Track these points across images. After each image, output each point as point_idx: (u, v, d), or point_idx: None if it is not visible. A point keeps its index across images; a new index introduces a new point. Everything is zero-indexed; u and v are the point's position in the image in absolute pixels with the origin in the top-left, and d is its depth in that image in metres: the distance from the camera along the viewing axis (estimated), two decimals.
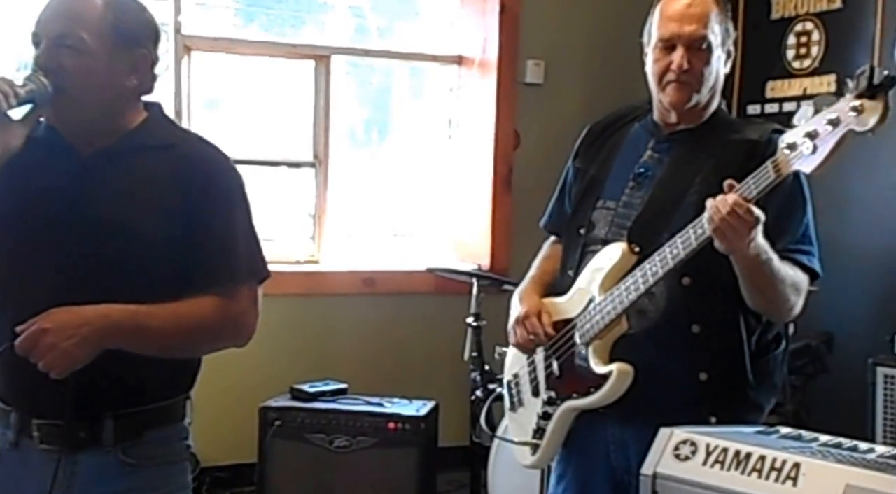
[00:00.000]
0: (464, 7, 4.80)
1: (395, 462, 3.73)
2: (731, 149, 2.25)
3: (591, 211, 2.38)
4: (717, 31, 2.25)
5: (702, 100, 2.29)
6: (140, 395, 1.95)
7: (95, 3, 1.91)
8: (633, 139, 2.40)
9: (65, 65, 1.88)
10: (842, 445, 1.84)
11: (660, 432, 1.92)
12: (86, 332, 1.79)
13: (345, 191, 4.76)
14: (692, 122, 2.32)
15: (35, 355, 1.77)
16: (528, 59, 4.62)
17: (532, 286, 2.51)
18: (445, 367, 4.25)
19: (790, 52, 4.32)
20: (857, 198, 4.19)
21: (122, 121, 1.98)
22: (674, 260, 2.11)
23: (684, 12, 2.24)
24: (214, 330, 1.97)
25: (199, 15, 4.53)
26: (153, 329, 1.88)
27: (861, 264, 4.15)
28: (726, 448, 1.80)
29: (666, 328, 2.23)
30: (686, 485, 1.82)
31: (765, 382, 2.30)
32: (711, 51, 2.25)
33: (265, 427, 3.76)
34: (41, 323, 1.78)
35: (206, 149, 2.04)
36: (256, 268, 2.03)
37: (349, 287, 4.50)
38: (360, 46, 4.84)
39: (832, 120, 1.89)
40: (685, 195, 2.23)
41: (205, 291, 1.93)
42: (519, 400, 2.51)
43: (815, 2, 4.26)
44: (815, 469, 1.69)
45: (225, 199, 1.99)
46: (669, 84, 2.26)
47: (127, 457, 1.95)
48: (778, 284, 2.14)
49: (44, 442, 1.92)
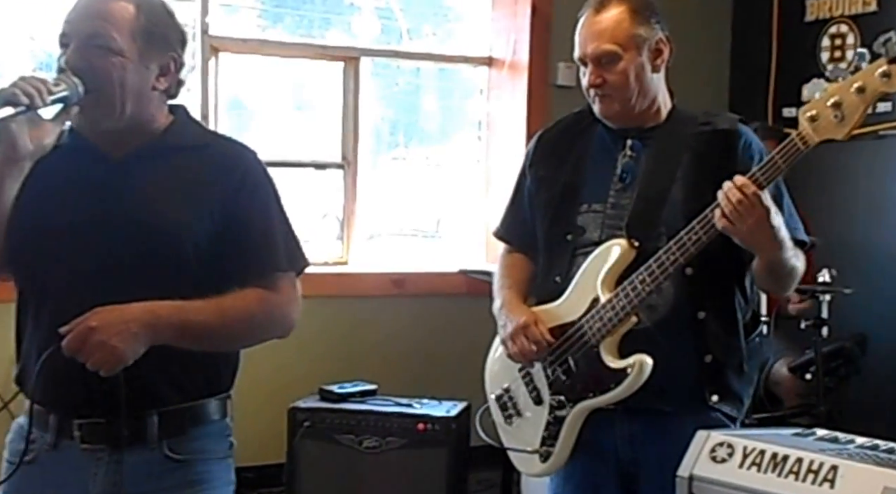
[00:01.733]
0: (494, 9, 4.80)
1: (425, 463, 3.72)
2: (705, 140, 2.34)
3: (576, 216, 2.40)
4: (624, 41, 2.31)
5: (634, 105, 2.35)
6: (183, 392, 1.96)
7: (127, 5, 1.92)
8: (601, 143, 2.44)
9: (96, 65, 1.88)
10: (878, 447, 1.85)
11: (696, 434, 1.94)
12: (133, 328, 1.80)
13: (373, 193, 4.76)
14: (650, 122, 2.39)
15: (83, 354, 1.77)
16: (560, 61, 4.59)
17: (514, 296, 2.52)
18: (476, 368, 4.19)
19: (824, 54, 4.32)
20: (891, 200, 4.17)
21: (151, 124, 1.99)
22: (695, 244, 2.18)
23: (589, 31, 2.34)
24: (259, 322, 1.98)
25: (225, 16, 4.53)
26: (199, 323, 1.89)
27: (895, 266, 4.13)
28: (763, 450, 1.82)
29: (675, 318, 2.30)
30: (723, 487, 1.84)
31: (754, 356, 2.44)
32: (619, 60, 2.31)
33: (294, 428, 3.76)
34: (87, 322, 1.78)
35: (237, 147, 2.08)
36: (295, 258, 2.05)
37: (378, 288, 4.50)
38: (389, 48, 4.83)
39: (859, 87, 1.99)
40: (670, 190, 2.31)
41: (246, 283, 1.95)
42: (516, 412, 2.51)
43: (849, 4, 4.26)
44: (853, 472, 1.70)
45: (260, 193, 2.02)
46: (595, 98, 2.36)
47: (172, 453, 1.96)
48: (793, 274, 2.29)
49: (85, 442, 1.92)
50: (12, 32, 4.16)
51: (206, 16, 4.23)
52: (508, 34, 4.70)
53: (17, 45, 4.22)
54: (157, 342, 1.84)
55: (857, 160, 4.28)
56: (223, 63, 4.36)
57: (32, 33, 4.25)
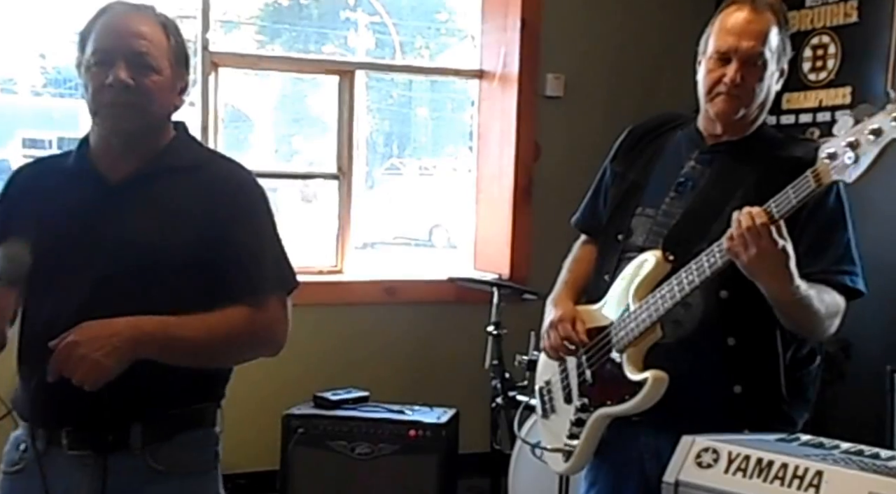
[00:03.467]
0: (485, 23, 4.85)
1: (415, 468, 3.76)
2: (776, 166, 2.20)
3: (631, 217, 2.36)
4: (773, 48, 2.23)
5: (749, 115, 2.27)
6: (168, 400, 1.97)
7: (157, 27, 2.00)
8: (675, 147, 2.38)
9: (143, 82, 1.94)
10: (863, 452, 1.83)
11: (682, 440, 1.92)
12: (116, 342, 1.82)
13: (367, 203, 4.82)
14: (737, 135, 2.30)
15: (67, 368, 1.79)
16: (549, 72, 4.65)
17: (565, 291, 2.50)
18: (466, 375, 4.28)
19: (806, 64, 4.35)
20: (874, 207, 4.19)
21: (157, 140, 2.04)
22: (710, 267, 2.09)
23: (744, 27, 2.22)
24: (245, 340, 1.99)
25: (224, 33, 4.61)
26: (184, 339, 1.91)
27: (879, 272, 4.11)
28: (748, 455, 1.80)
29: (701, 339, 2.21)
30: (708, 493, 1.82)
31: (798, 397, 2.29)
32: (766, 67, 2.22)
33: (288, 435, 3.80)
34: (71, 337, 1.80)
35: (231, 166, 2.10)
36: (284, 278, 2.06)
37: (371, 296, 4.55)
38: (383, 61, 4.90)
39: (874, 130, 1.90)
40: (725, 207, 2.18)
41: (234, 302, 1.96)
42: (551, 407, 2.50)
43: (831, 16, 4.28)
44: (838, 477, 1.69)
45: (250, 213, 2.04)
46: (719, 95, 2.24)
47: (156, 463, 1.96)
48: (812, 314, 2.13)
49: (72, 448, 1.94)
50: (23, 50, 4.24)
51: (206, 32, 4.28)
52: (499, 47, 4.74)
53: (28, 63, 4.30)
54: (142, 356, 1.85)
55: None
56: (223, 77, 4.43)
57: (43, 51, 4.33)
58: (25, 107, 4.60)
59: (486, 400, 4.00)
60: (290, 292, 2.07)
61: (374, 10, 5.06)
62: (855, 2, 4.18)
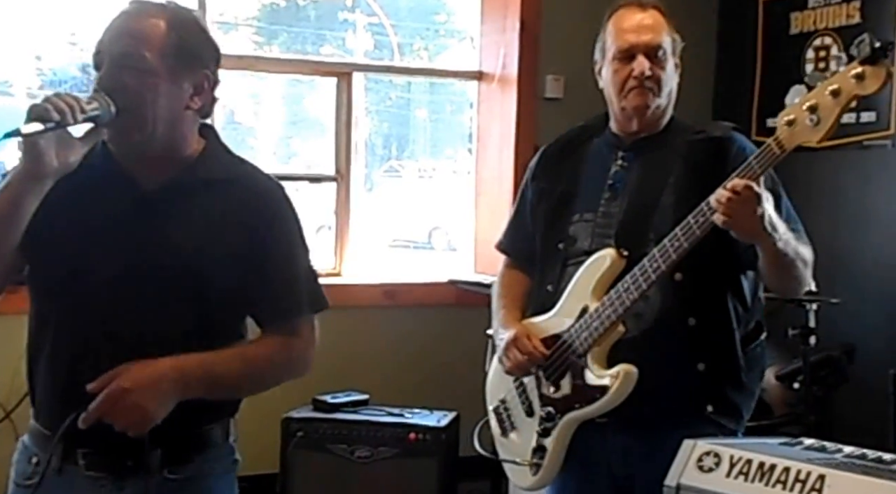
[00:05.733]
0: (484, 24, 4.85)
1: (415, 472, 3.75)
2: (698, 148, 2.33)
3: (569, 225, 2.41)
4: (668, 41, 2.35)
5: (661, 105, 2.36)
6: (189, 423, 1.92)
7: (159, 22, 1.87)
8: (597, 153, 2.45)
9: (128, 85, 1.84)
10: (866, 456, 1.82)
11: (683, 443, 1.91)
12: (165, 388, 1.79)
13: (366, 205, 4.80)
14: (652, 130, 2.39)
15: (114, 416, 1.76)
16: (548, 74, 4.66)
17: (509, 314, 2.53)
18: (466, 378, 4.22)
19: (809, 65, 4.35)
20: (877, 210, 4.20)
21: (183, 147, 1.94)
22: (676, 251, 2.16)
23: (640, 24, 2.34)
24: (281, 369, 2.00)
25: (222, 34, 4.59)
26: (225, 376, 1.89)
27: (882, 275, 4.16)
28: (750, 459, 1.79)
29: (663, 326, 2.27)
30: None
31: (755, 367, 2.38)
32: (667, 59, 2.34)
33: (288, 438, 3.78)
34: (120, 383, 1.76)
35: (268, 184, 2.02)
36: (317, 301, 2.03)
37: (370, 299, 4.54)
38: (381, 63, 4.89)
39: (834, 90, 1.98)
40: (661, 197, 2.31)
41: (268, 326, 1.96)
42: (510, 424, 2.52)
43: (833, 17, 4.29)
44: (840, 481, 1.68)
45: (288, 236, 2.00)
46: (632, 90, 2.33)
47: (172, 475, 1.93)
48: (799, 263, 2.23)
49: (89, 469, 1.90)
50: (19, 52, 4.22)
51: None
52: (498, 49, 4.74)
53: (24, 65, 4.28)
54: (186, 397, 1.82)
55: (843, 170, 4.31)
56: (220, 79, 4.40)
57: (39, 53, 4.31)
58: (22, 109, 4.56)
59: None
60: (319, 312, 2.04)
61: (372, 12, 5.05)
62: (857, 3, 4.20)
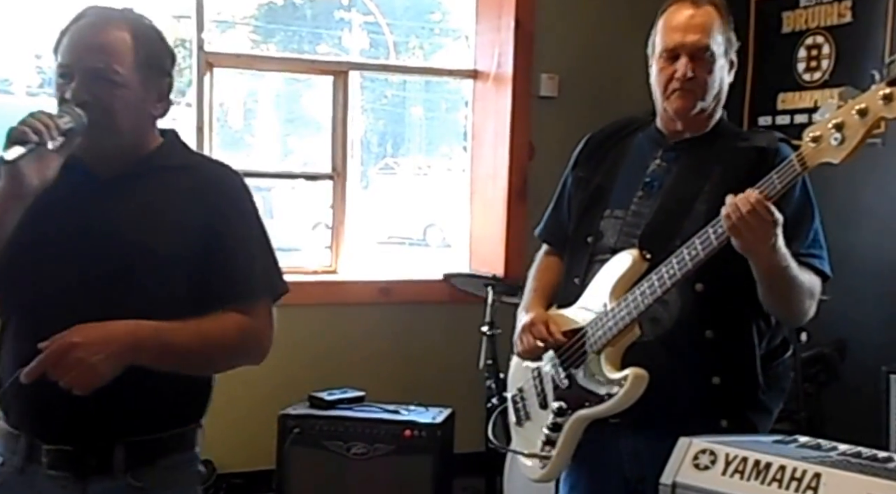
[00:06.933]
0: (479, 23, 4.87)
1: (411, 468, 3.76)
2: (740, 157, 2.27)
3: (599, 220, 2.38)
4: (719, 40, 2.28)
5: (706, 108, 2.31)
6: (152, 423, 1.94)
7: (124, 36, 1.92)
8: (638, 149, 2.41)
9: (101, 98, 1.89)
10: (861, 454, 1.81)
11: (679, 441, 1.90)
12: (114, 349, 1.78)
13: (362, 203, 4.82)
14: (697, 131, 2.34)
15: (60, 369, 1.74)
16: (543, 72, 4.68)
17: (536, 298, 2.51)
18: (461, 375, 4.29)
19: (801, 64, 4.36)
20: (868, 208, 4.21)
21: (143, 146, 2.00)
22: (692, 260, 2.12)
23: (688, 23, 2.27)
24: (235, 348, 1.98)
25: (219, 33, 4.61)
26: (178, 346, 1.88)
27: (873, 272, 4.16)
28: (746, 457, 1.78)
29: (679, 334, 2.23)
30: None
31: (774, 386, 2.32)
32: (714, 60, 2.27)
33: (284, 435, 3.80)
34: (70, 337, 1.75)
35: (221, 169, 2.08)
36: (273, 284, 2.04)
37: (366, 296, 4.56)
38: (377, 61, 4.91)
39: (861, 109, 1.92)
40: (694, 203, 2.25)
41: (225, 306, 1.95)
42: (525, 414, 2.50)
43: (825, 16, 4.29)
44: (836, 479, 1.67)
45: (242, 217, 2.02)
46: (674, 92, 2.28)
47: (136, 481, 1.93)
48: (796, 289, 2.17)
49: (52, 468, 1.90)
50: (19, 50, 4.24)
51: (201, 32, 4.28)
52: (493, 47, 4.76)
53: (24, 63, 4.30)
54: (136, 363, 1.81)
55: (835, 169, 4.32)
56: (218, 77, 4.43)
57: (38, 51, 4.33)
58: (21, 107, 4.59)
59: (482, 399, 4.01)
60: (278, 298, 2.05)
61: (367, 10, 5.08)
62: (849, 2, 4.20)
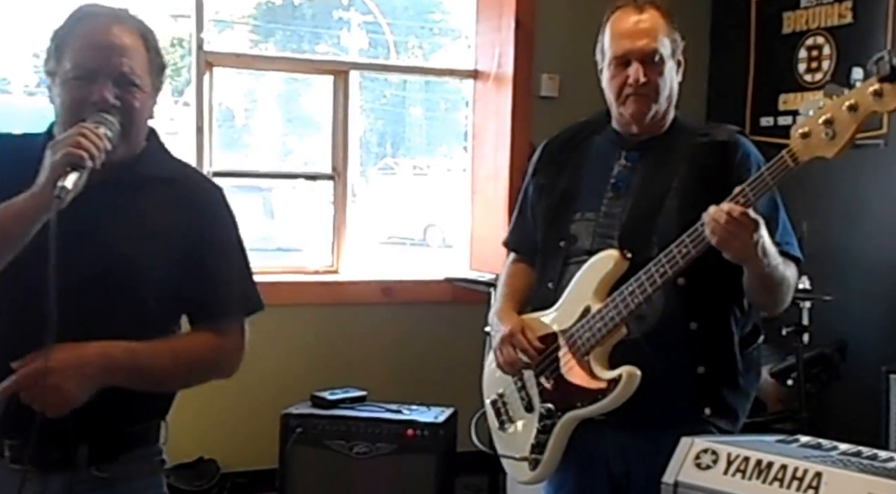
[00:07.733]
0: (479, 23, 4.87)
1: (413, 468, 3.77)
2: (702, 151, 2.32)
3: (570, 224, 2.40)
4: (666, 43, 2.32)
5: (660, 110, 2.34)
6: (116, 419, 1.93)
7: (136, 38, 1.92)
8: (599, 151, 2.43)
9: (132, 104, 1.89)
10: (861, 454, 1.83)
11: (681, 441, 1.91)
12: (88, 372, 1.79)
13: (363, 203, 4.82)
14: (654, 132, 2.37)
15: (33, 394, 1.75)
16: (543, 72, 4.69)
17: (508, 304, 2.51)
18: (463, 375, 4.25)
19: (801, 65, 4.38)
20: (870, 208, 4.23)
21: (134, 147, 1.98)
22: (684, 258, 2.15)
23: (634, 29, 2.31)
24: (207, 367, 2.01)
25: (219, 32, 4.61)
26: (151, 368, 1.89)
27: (874, 273, 4.18)
28: (747, 457, 1.79)
29: (666, 329, 2.27)
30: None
31: (751, 370, 2.39)
32: (664, 62, 2.31)
33: (287, 434, 3.80)
34: (43, 362, 1.74)
35: (203, 183, 2.08)
36: (249, 302, 2.05)
37: (368, 296, 4.56)
38: (377, 61, 4.91)
39: (851, 105, 1.94)
40: (665, 199, 2.29)
41: (198, 323, 1.98)
42: (508, 418, 2.51)
43: (825, 16, 4.31)
44: (837, 479, 1.68)
45: (222, 236, 2.03)
46: (629, 97, 2.31)
47: (99, 473, 1.93)
48: (785, 284, 2.25)
49: (14, 462, 1.89)
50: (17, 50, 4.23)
51: (200, 32, 4.28)
52: (493, 47, 4.76)
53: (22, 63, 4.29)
54: (109, 384, 1.82)
55: (835, 168, 4.31)
56: (217, 77, 4.43)
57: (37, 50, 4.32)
58: (19, 107, 4.59)
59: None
60: (252, 314, 2.05)
61: (367, 10, 5.08)
62: (849, 2, 4.22)
